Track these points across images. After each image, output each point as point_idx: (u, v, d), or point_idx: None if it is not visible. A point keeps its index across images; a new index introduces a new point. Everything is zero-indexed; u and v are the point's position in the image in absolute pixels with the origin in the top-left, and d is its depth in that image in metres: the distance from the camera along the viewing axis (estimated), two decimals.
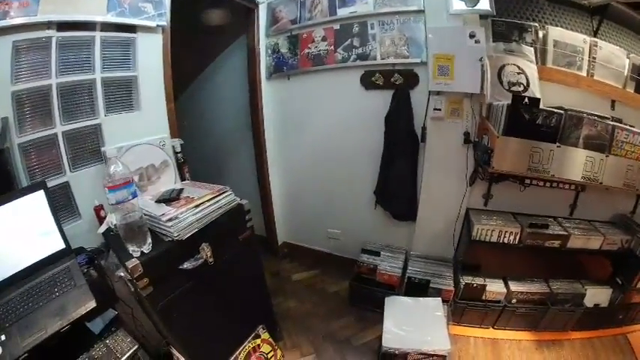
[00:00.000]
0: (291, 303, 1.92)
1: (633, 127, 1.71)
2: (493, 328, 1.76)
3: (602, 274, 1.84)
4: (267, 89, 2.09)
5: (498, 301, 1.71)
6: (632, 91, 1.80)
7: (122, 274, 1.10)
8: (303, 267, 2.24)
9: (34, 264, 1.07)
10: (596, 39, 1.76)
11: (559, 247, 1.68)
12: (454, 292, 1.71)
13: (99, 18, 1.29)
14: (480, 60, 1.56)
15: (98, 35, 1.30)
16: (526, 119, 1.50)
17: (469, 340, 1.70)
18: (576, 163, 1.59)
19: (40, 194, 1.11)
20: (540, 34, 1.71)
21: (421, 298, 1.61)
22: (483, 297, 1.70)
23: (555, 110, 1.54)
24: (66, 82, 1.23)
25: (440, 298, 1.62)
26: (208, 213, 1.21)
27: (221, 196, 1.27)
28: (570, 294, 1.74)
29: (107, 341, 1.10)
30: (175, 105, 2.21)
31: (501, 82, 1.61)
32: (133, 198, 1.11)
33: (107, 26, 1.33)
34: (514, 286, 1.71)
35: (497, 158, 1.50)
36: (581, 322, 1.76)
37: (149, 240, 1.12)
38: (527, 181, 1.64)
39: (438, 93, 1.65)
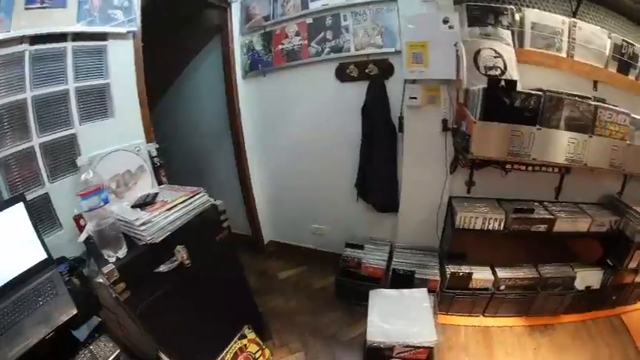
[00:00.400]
0: (278, 301, 1.94)
1: (617, 106, 1.72)
2: (483, 315, 1.77)
3: (592, 256, 1.84)
4: (244, 88, 2.10)
5: (486, 289, 1.71)
6: (615, 71, 1.79)
7: (101, 280, 1.13)
8: (290, 264, 2.26)
9: (18, 276, 1.09)
10: (575, 19, 1.74)
11: (546, 232, 1.68)
12: (440, 282, 1.71)
13: (70, 28, 1.30)
14: (455, 45, 1.56)
15: (70, 45, 1.31)
16: (503, 102, 1.50)
17: (459, 329, 1.71)
18: (559, 145, 1.59)
19: (20, 207, 1.14)
20: (517, 16, 1.69)
21: (406, 290, 1.61)
22: (470, 285, 1.71)
23: (534, 92, 1.53)
24: (40, 95, 1.24)
25: (425, 289, 1.62)
26: (181, 215, 1.22)
27: (194, 198, 1.29)
28: (560, 278, 1.73)
29: (91, 347, 1.13)
30: (156, 108, 2.24)
31: (477, 67, 1.60)
32: (105, 204, 1.14)
33: (78, 36, 1.33)
34: (501, 273, 1.72)
35: (476, 144, 1.51)
36: (574, 306, 1.77)
37: (124, 245, 1.14)
38: (509, 166, 1.65)
39: (414, 81, 1.64)
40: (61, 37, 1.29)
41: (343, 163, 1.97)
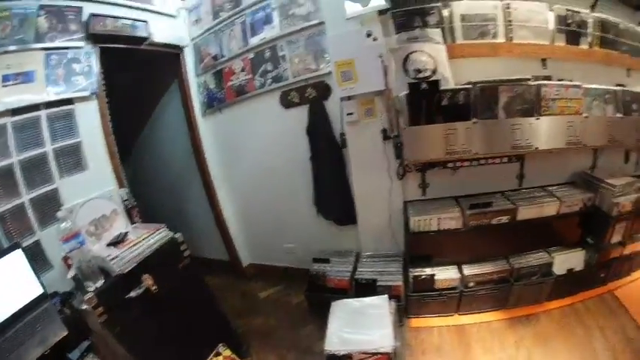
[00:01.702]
0: (258, 320, 2.18)
1: (571, 80, 1.79)
2: (458, 314, 1.87)
3: (571, 237, 1.88)
4: (204, 125, 2.44)
5: (454, 288, 1.82)
6: (563, 44, 1.84)
7: (85, 306, 1.50)
8: (269, 284, 2.52)
9: (21, 308, 1.44)
10: (508, 1, 1.82)
11: (509, 222, 1.77)
12: (404, 287, 1.84)
13: (40, 99, 1.67)
14: (380, 56, 1.78)
15: (43, 113, 1.68)
16: (428, 104, 1.68)
17: (432, 330, 1.83)
18: (502, 134, 1.70)
19: (19, 253, 1.53)
20: (446, 12, 1.81)
21: (366, 298, 1.74)
22: (436, 286, 1.82)
23: (460, 87, 1.67)
24: (24, 158, 1.62)
25: (386, 296, 1.74)
26: (144, 249, 1.56)
27: (155, 233, 1.62)
28: (536, 265, 1.81)
29: None
30: (133, 153, 2.66)
31: (407, 72, 1.78)
32: (82, 245, 1.52)
33: (50, 103, 1.71)
34: (468, 270, 1.82)
35: (409, 149, 1.68)
36: (557, 291, 1.82)
37: (101, 277, 1.50)
38: (451, 164, 1.79)
39: (349, 98, 1.83)
40: (35, 106, 1.66)
41: (300, 183, 2.21)
